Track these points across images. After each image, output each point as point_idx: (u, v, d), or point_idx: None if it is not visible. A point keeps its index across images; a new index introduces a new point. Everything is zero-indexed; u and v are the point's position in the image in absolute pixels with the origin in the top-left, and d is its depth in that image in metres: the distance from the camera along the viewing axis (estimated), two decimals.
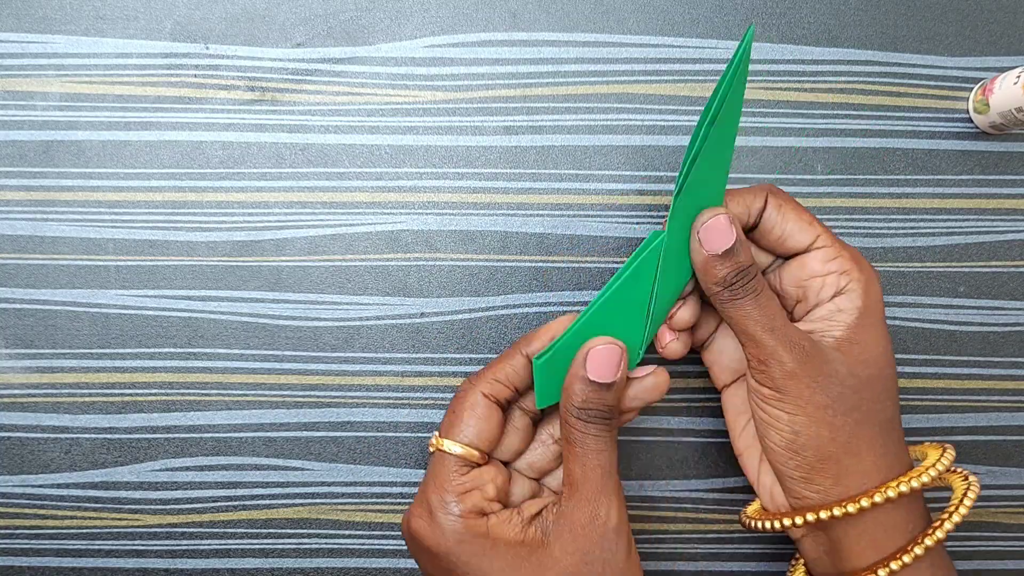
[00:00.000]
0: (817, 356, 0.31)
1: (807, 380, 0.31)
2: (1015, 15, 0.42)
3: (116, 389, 0.41)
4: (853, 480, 0.32)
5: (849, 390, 0.32)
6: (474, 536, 0.30)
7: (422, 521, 0.31)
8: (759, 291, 0.32)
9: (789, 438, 0.32)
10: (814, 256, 0.33)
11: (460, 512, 0.31)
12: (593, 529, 0.30)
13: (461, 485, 0.31)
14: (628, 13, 0.42)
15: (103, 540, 0.41)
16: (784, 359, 0.31)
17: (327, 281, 0.41)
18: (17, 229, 0.41)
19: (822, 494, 0.32)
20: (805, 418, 0.31)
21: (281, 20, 0.41)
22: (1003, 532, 0.42)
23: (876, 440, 0.32)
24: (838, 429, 0.31)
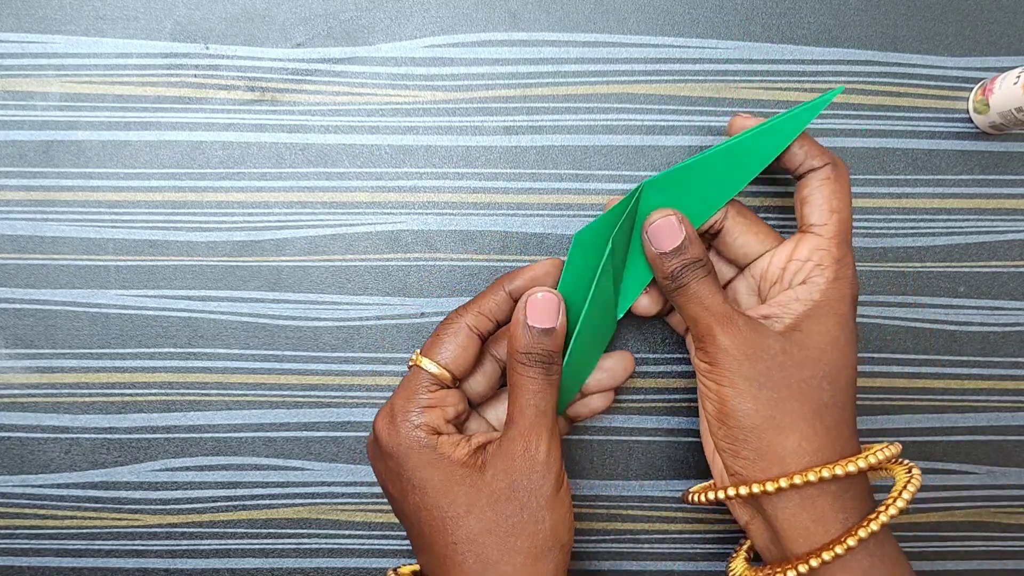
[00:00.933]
0: (750, 332, 0.33)
1: (736, 353, 0.33)
2: (1015, 15, 0.42)
3: (116, 389, 0.41)
4: (773, 457, 0.32)
5: (777, 366, 0.33)
6: (423, 447, 0.33)
7: (384, 423, 0.34)
8: (702, 277, 0.34)
9: (717, 407, 0.33)
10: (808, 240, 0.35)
11: (418, 423, 0.33)
12: (523, 460, 0.33)
13: (427, 399, 0.34)
14: (628, 13, 0.42)
15: (103, 540, 0.41)
16: (717, 333, 0.33)
17: (327, 281, 0.41)
18: (17, 229, 0.41)
19: (747, 469, 0.33)
20: (731, 389, 0.33)
21: (281, 20, 0.41)
22: (1003, 532, 0.42)
23: (804, 420, 0.32)
24: (761, 402, 0.32)
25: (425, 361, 0.35)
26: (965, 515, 0.42)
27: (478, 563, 0.32)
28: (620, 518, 0.42)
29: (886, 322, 0.42)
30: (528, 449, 0.33)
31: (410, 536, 0.35)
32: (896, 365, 0.42)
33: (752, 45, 0.42)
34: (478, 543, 0.32)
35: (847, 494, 0.32)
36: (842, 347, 0.33)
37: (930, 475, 0.42)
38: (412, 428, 0.33)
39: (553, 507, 0.33)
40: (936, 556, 0.42)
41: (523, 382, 0.34)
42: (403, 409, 0.34)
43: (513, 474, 0.33)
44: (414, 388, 0.34)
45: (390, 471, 0.34)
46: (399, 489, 0.34)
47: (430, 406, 0.34)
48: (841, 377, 0.33)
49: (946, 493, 0.42)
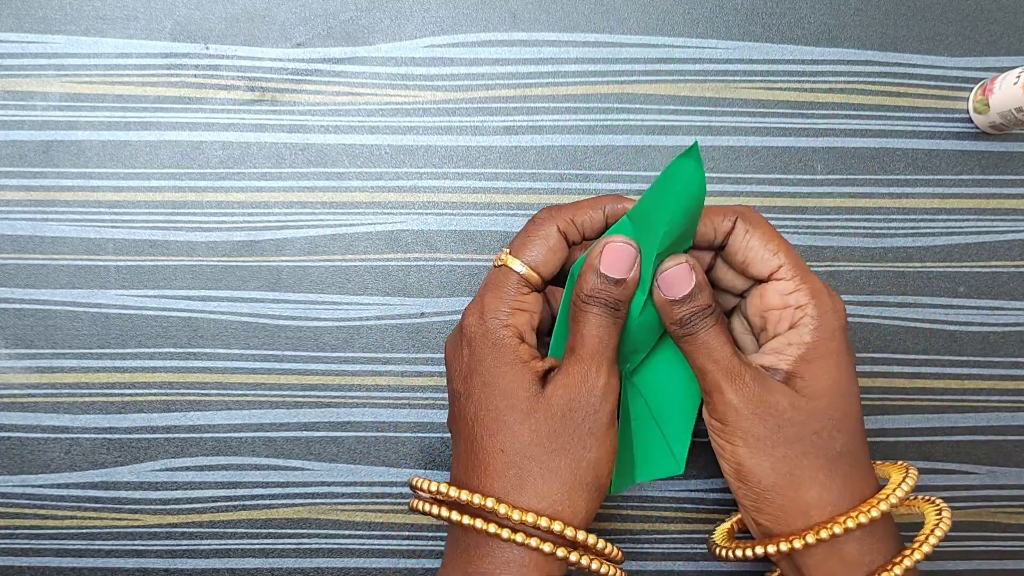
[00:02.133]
0: (759, 388, 0.32)
1: (746, 412, 0.32)
2: (1015, 15, 0.42)
3: (116, 389, 0.41)
4: (796, 512, 0.32)
5: (788, 423, 0.32)
6: (505, 347, 0.33)
7: (474, 317, 0.34)
8: (709, 326, 0.33)
9: (735, 468, 0.33)
10: (773, 287, 0.34)
11: (507, 323, 0.33)
12: (583, 384, 0.32)
13: (518, 302, 0.33)
14: (628, 13, 0.42)
15: (103, 540, 0.41)
16: (725, 390, 0.32)
17: (327, 281, 0.41)
18: (17, 229, 0.41)
19: (773, 523, 0.33)
20: (746, 449, 0.32)
21: (281, 20, 0.41)
22: (1003, 532, 0.42)
23: (821, 472, 0.32)
24: (778, 461, 0.32)
25: (515, 262, 0.34)
26: (965, 515, 0.42)
27: (517, 477, 0.32)
28: (620, 518, 0.42)
29: (886, 322, 0.42)
30: (588, 375, 0.33)
31: (456, 442, 0.34)
32: (896, 365, 0.42)
33: (752, 45, 0.42)
34: (524, 455, 0.32)
35: (873, 536, 0.32)
36: (844, 389, 0.33)
37: (930, 475, 0.42)
38: (500, 327, 0.33)
39: (601, 439, 0.33)
40: (936, 556, 0.42)
41: (586, 317, 0.33)
42: (493, 307, 0.33)
43: (572, 393, 0.32)
44: (506, 288, 0.33)
45: (466, 366, 0.33)
46: (467, 385, 0.33)
47: (520, 309, 0.33)
48: (849, 421, 0.33)
49: (946, 493, 0.42)
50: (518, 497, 0.32)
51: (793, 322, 0.33)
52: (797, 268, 0.34)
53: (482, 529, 0.31)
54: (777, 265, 0.34)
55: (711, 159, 0.42)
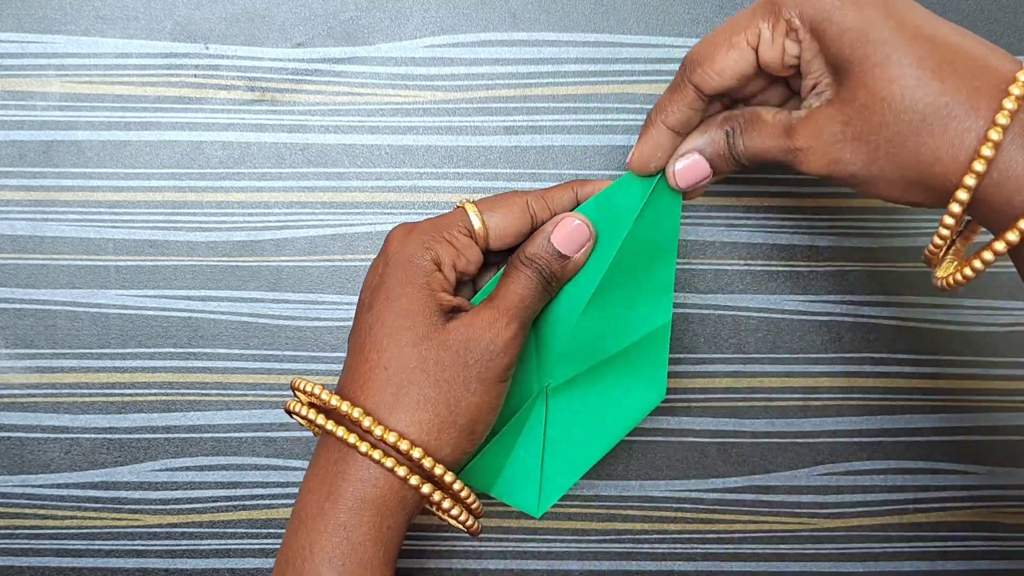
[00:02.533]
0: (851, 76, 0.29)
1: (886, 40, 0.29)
2: (1015, 15, 0.42)
3: (116, 389, 0.41)
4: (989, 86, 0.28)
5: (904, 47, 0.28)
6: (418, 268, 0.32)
7: (400, 231, 0.34)
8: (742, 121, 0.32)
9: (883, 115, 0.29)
10: None
11: (428, 247, 0.33)
12: (488, 329, 0.32)
13: (452, 236, 0.33)
14: (628, 13, 0.42)
15: (103, 540, 0.41)
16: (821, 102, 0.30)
17: (327, 281, 0.41)
18: (17, 229, 0.41)
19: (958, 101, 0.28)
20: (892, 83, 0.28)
21: (281, 20, 0.41)
22: (1003, 532, 0.42)
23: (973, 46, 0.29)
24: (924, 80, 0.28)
25: (472, 209, 0.34)
26: (965, 515, 0.42)
27: (393, 396, 0.31)
28: (620, 518, 0.42)
29: (886, 322, 0.42)
30: (496, 323, 0.32)
31: (348, 353, 0.34)
32: (896, 365, 0.42)
33: None
34: (405, 378, 0.31)
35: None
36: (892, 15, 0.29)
37: (930, 475, 0.42)
38: (420, 247, 0.33)
39: (488, 387, 0.32)
40: (936, 556, 0.42)
41: (518, 275, 0.33)
42: (424, 230, 0.33)
43: (472, 335, 0.32)
44: (448, 222, 0.34)
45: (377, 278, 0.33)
46: (372, 297, 0.33)
47: (450, 242, 0.33)
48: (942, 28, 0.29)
49: (946, 493, 0.42)
50: (388, 416, 0.31)
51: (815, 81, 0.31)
52: None
53: (342, 438, 0.31)
54: None
55: None
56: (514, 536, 0.42)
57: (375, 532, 0.31)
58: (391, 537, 0.32)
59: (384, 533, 0.31)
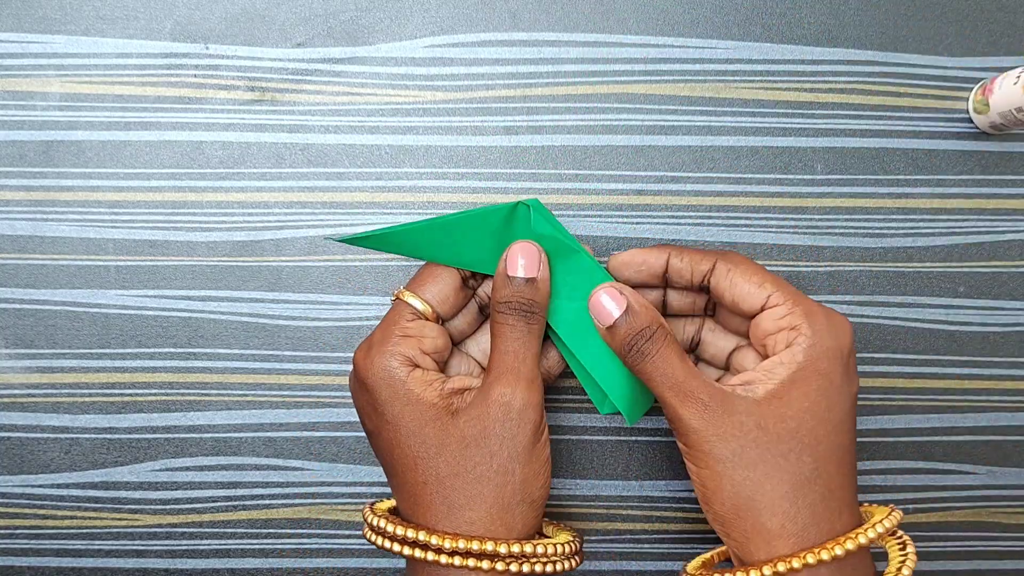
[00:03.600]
0: (718, 408, 0.31)
1: (707, 434, 0.31)
2: (1015, 15, 0.42)
3: (116, 389, 0.41)
4: (760, 540, 0.31)
5: (751, 443, 0.31)
6: (395, 380, 0.32)
7: (360, 353, 0.34)
8: (657, 350, 0.32)
9: (700, 491, 0.32)
10: (767, 315, 0.33)
11: (393, 353, 0.33)
12: (497, 408, 0.32)
13: (404, 329, 0.33)
14: (628, 13, 0.42)
15: (103, 540, 0.41)
16: (684, 415, 0.32)
17: (327, 281, 0.41)
18: (17, 229, 0.41)
19: (738, 549, 0.32)
20: (708, 471, 0.31)
21: (281, 20, 0.41)
22: (1003, 532, 0.42)
23: (785, 500, 0.31)
24: (739, 484, 0.31)
25: (408, 294, 0.34)
26: (965, 515, 0.42)
27: (444, 505, 0.32)
28: (620, 518, 0.42)
29: (886, 322, 0.42)
30: (503, 397, 0.32)
31: (386, 473, 0.34)
32: (896, 365, 0.42)
33: (752, 45, 0.42)
34: (445, 486, 0.32)
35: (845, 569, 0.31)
36: (822, 414, 0.31)
37: (930, 475, 0.42)
38: (386, 359, 0.33)
39: (526, 460, 0.32)
40: (936, 556, 0.42)
41: (502, 331, 0.33)
42: (380, 340, 0.33)
43: (486, 421, 0.32)
44: (393, 319, 0.34)
45: (366, 405, 0.34)
46: (374, 423, 0.33)
47: (406, 335, 0.33)
48: (823, 447, 0.31)
49: (946, 493, 0.42)
50: (449, 523, 0.32)
51: (788, 342, 0.32)
52: (788, 294, 0.33)
53: (420, 558, 0.32)
54: (766, 295, 0.33)
55: (711, 159, 0.42)
56: None
57: None
58: None
59: None
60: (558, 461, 0.41)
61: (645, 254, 0.35)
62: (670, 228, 0.41)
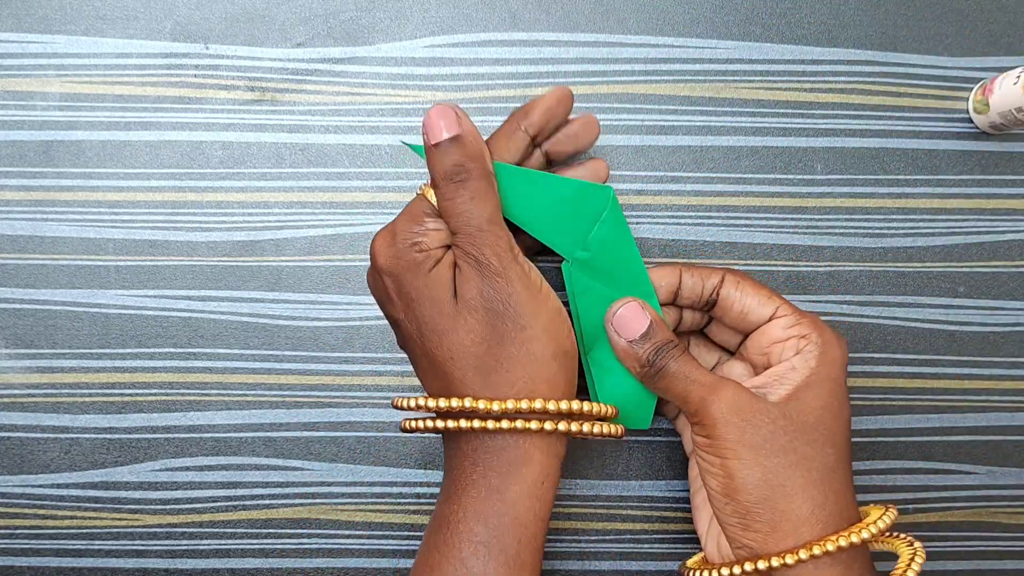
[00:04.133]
0: (746, 398, 0.33)
1: (736, 421, 0.32)
2: (1015, 15, 0.42)
3: (116, 389, 0.41)
4: (788, 527, 0.32)
5: (780, 431, 0.32)
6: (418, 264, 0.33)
7: (383, 242, 0.34)
8: (678, 356, 0.34)
9: (724, 482, 0.33)
10: (775, 324, 0.35)
11: (415, 242, 0.33)
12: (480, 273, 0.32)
13: (427, 223, 0.33)
14: (628, 13, 0.42)
15: (103, 540, 0.41)
16: (710, 405, 0.33)
17: (327, 281, 0.41)
18: (17, 229, 0.41)
19: (759, 542, 0.32)
20: (737, 461, 0.32)
21: (281, 20, 0.41)
22: (1003, 532, 0.42)
23: (813, 486, 0.32)
24: (770, 471, 0.32)
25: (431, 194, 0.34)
26: (965, 515, 0.42)
27: (479, 375, 0.32)
28: (620, 518, 0.42)
29: (886, 322, 0.42)
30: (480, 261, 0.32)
31: (413, 359, 0.34)
32: (896, 365, 0.42)
33: (752, 45, 0.42)
34: (473, 355, 0.32)
35: (856, 562, 0.32)
36: (836, 411, 0.33)
37: (930, 475, 0.42)
38: (409, 246, 0.33)
39: (535, 310, 0.32)
40: (936, 556, 0.42)
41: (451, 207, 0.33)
42: (403, 229, 0.33)
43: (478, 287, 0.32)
44: (416, 213, 0.34)
45: (389, 291, 0.34)
46: (399, 308, 0.33)
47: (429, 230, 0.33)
48: (839, 440, 0.33)
49: (946, 493, 0.42)
50: (494, 390, 0.32)
51: (798, 349, 0.34)
52: (794, 307, 0.35)
53: (467, 427, 0.32)
54: (775, 306, 0.35)
55: (711, 159, 0.42)
56: None
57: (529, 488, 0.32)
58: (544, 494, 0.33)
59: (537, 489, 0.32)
60: None
61: (660, 275, 0.36)
62: (670, 228, 0.41)
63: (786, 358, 0.34)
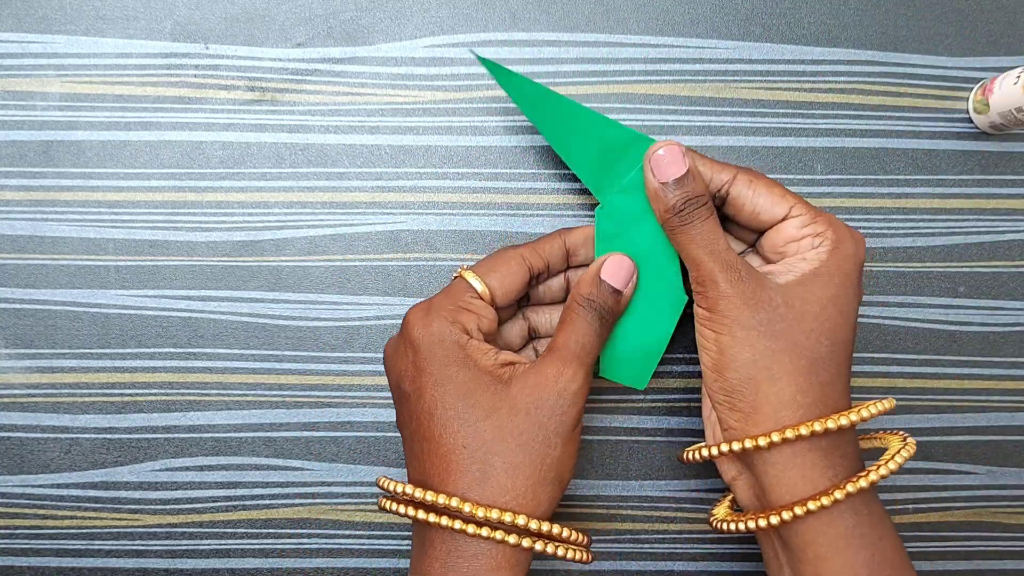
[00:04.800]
0: (752, 281, 0.33)
1: (737, 300, 0.33)
2: (1015, 15, 0.42)
3: (116, 389, 0.41)
4: (768, 409, 0.32)
5: (778, 317, 0.33)
6: (454, 343, 0.33)
7: (418, 315, 0.34)
8: (705, 217, 0.34)
9: (715, 357, 0.34)
10: (790, 223, 0.35)
11: (453, 320, 0.33)
12: (555, 384, 0.33)
13: (466, 303, 0.34)
14: (628, 13, 0.42)
15: (103, 540, 0.41)
16: (718, 279, 0.33)
17: (327, 281, 0.41)
18: (17, 229, 0.41)
19: (741, 423, 0.33)
20: (730, 337, 0.33)
21: (281, 20, 0.41)
22: (1003, 532, 0.42)
23: (800, 373, 0.32)
24: (759, 352, 0.32)
25: (471, 275, 0.35)
26: (965, 515, 0.42)
27: (480, 472, 0.32)
28: (620, 518, 0.42)
29: (886, 322, 0.42)
30: (563, 376, 0.33)
31: (410, 441, 0.34)
32: (896, 365, 0.42)
33: (752, 45, 0.42)
34: (486, 451, 0.32)
35: (836, 452, 0.33)
36: (842, 305, 0.33)
37: (930, 475, 0.42)
38: (447, 323, 0.33)
39: (567, 439, 0.33)
40: (936, 556, 0.42)
41: (576, 319, 0.34)
42: (440, 306, 0.34)
43: (541, 393, 0.33)
44: (456, 292, 0.34)
45: (412, 366, 0.33)
46: (418, 385, 0.33)
47: (468, 310, 0.34)
48: (839, 334, 0.33)
49: (946, 493, 0.42)
50: (482, 492, 0.32)
51: (812, 245, 0.34)
52: (809, 206, 0.35)
53: (447, 526, 0.32)
54: (788, 206, 0.35)
55: None
56: None
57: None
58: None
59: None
60: None
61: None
62: None
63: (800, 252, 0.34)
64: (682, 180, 0.34)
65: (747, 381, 0.33)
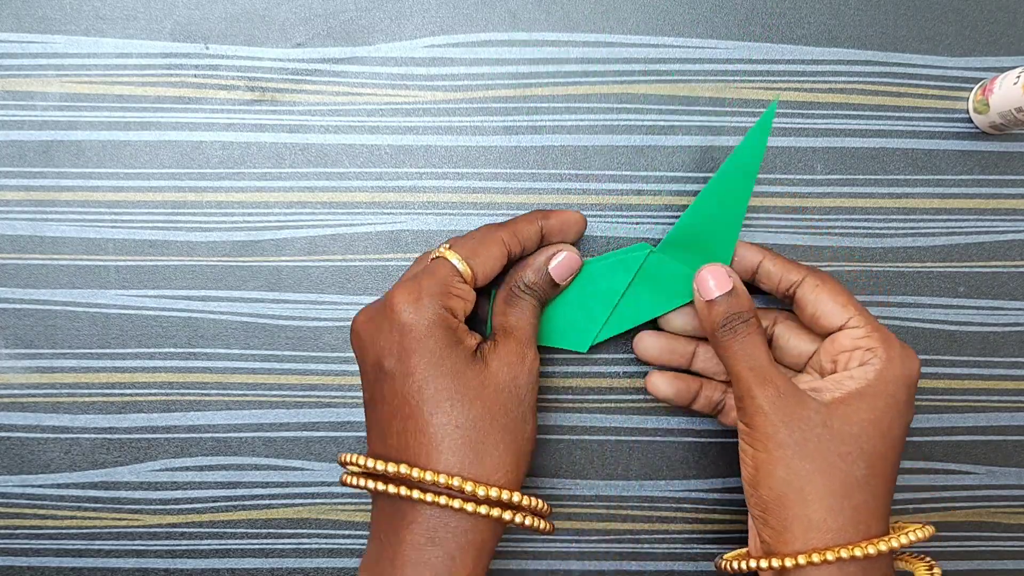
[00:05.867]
0: (791, 398, 0.33)
1: (774, 418, 0.33)
2: (1015, 15, 0.42)
3: (116, 389, 0.41)
4: (798, 530, 0.32)
5: (814, 437, 0.32)
6: (445, 328, 0.34)
7: (408, 296, 0.34)
8: (747, 333, 0.34)
9: (751, 472, 0.34)
10: (845, 333, 0.35)
11: (443, 304, 0.34)
12: (523, 362, 0.35)
13: (456, 289, 0.35)
14: (628, 13, 0.42)
15: (103, 540, 0.41)
16: (756, 395, 0.33)
17: (327, 281, 0.41)
18: (17, 229, 0.41)
19: (772, 539, 0.33)
20: (765, 454, 0.33)
21: (281, 20, 0.41)
22: (1003, 532, 0.42)
23: (831, 496, 0.32)
24: (793, 471, 0.32)
25: (454, 255, 0.35)
26: (965, 515, 0.42)
27: (471, 450, 0.33)
28: (620, 518, 0.42)
29: (886, 322, 0.42)
30: (527, 356, 0.35)
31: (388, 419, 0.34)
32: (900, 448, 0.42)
33: (752, 45, 0.42)
34: (477, 428, 0.33)
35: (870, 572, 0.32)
36: (884, 428, 0.33)
37: (930, 475, 0.42)
38: (439, 308, 0.34)
39: (534, 415, 0.35)
40: (936, 556, 0.42)
41: (523, 304, 0.36)
42: (431, 291, 0.34)
43: (516, 372, 0.34)
44: (443, 276, 0.34)
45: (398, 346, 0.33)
46: (406, 365, 0.33)
47: (457, 295, 0.34)
48: (877, 458, 0.33)
49: (946, 493, 0.42)
50: (478, 471, 0.33)
51: (862, 361, 0.34)
52: (868, 319, 0.35)
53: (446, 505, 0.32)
54: (848, 316, 0.35)
55: (711, 159, 0.42)
56: (514, 536, 0.42)
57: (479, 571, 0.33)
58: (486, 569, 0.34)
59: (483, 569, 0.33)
60: (558, 461, 0.42)
61: (743, 248, 0.37)
62: (670, 228, 0.41)
63: (849, 368, 0.35)
64: (728, 295, 0.35)
65: (779, 499, 0.33)
